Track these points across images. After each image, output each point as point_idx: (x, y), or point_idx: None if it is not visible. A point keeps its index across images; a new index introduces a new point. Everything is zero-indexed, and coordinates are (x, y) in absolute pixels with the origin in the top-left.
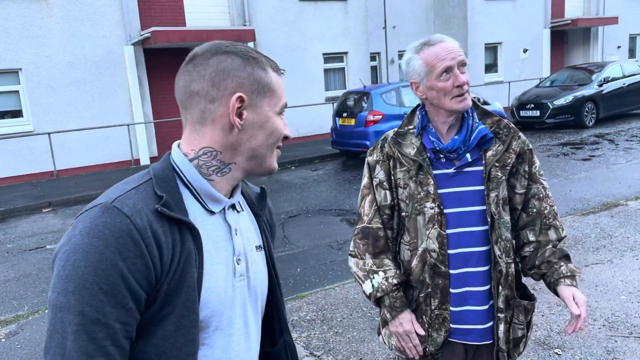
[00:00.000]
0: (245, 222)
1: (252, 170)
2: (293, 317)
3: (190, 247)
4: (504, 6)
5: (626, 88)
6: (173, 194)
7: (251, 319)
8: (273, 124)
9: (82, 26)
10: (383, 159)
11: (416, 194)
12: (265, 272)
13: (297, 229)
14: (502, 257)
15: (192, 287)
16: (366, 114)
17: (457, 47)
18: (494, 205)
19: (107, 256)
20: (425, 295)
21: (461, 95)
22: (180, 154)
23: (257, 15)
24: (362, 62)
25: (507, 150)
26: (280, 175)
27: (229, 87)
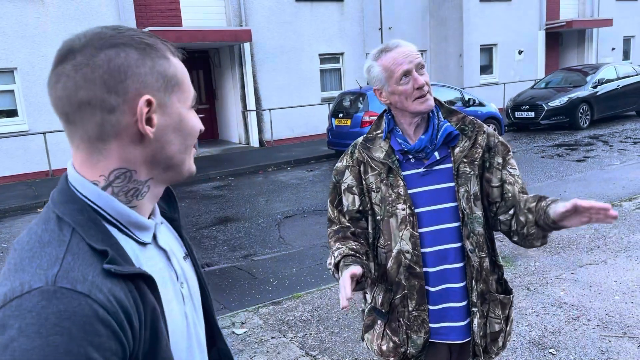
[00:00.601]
0: (167, 234)
1: (171, 181)
2: (289, 317)
3: (152, 300)
4: (499, 8)
5: (620, 90)
6: (110, 243)
7: (201, 334)
8: (187, 123)
9: (78, 26)
10: (352, 165)
11: (387, 196)
12: (196, 279)
13: (293, 229)
14: (474, 252)
15: (164, 343)
16: (362, 115)
17: (414, 51)
18: (464, 200)
19: (77, 352)
20: (401, 297)
21: (422, 96)
22: (88, 184)
23: (253, 16)
24: (358, 63)
25: (474, 146)
26: (276, 176)
27: (130, 89)
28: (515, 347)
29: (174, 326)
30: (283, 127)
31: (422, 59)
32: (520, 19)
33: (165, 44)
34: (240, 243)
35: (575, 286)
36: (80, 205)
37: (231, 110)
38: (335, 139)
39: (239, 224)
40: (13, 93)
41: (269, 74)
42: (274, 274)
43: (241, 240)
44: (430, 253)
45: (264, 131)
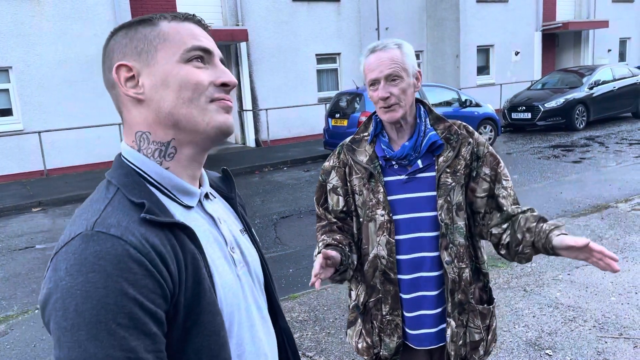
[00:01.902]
0: (222, 208)
1: (196, 140)
2: (285, 317)
3: (191, 248)
4: (496, 9)
5: (616, 91)
6: (150, 198)
7: (262, 304)
8: (177, 76)
9: (74, 25)
10: (339, 166)
11: (368, 200)
12: (257, 254)
13: (289, 230)
14: (451, 263)
15: (208, 288)
16: (359, 115)
17: (389, 59)
18: (443, 211)
19: (113, 288)
20: (375, 300)
21: (386, 107)
22: (129, 150)
23: (250, 15)
24: (355, 63)
25: (457, 157)
26: (272, 176)
27: (114, 63)
28: (512, 348)
29: (222, 280)
30: (279, 127)
31: (399, 69)
32: (517, 20)
33: (167, 14)
34: None
35: (571, 287)
36: (126, 170)
37: None
38: (332, 139)
39: None
40: (8, 92)
41: (266, 74)
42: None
43: None
44: (406, 260)
45: (260, 131)
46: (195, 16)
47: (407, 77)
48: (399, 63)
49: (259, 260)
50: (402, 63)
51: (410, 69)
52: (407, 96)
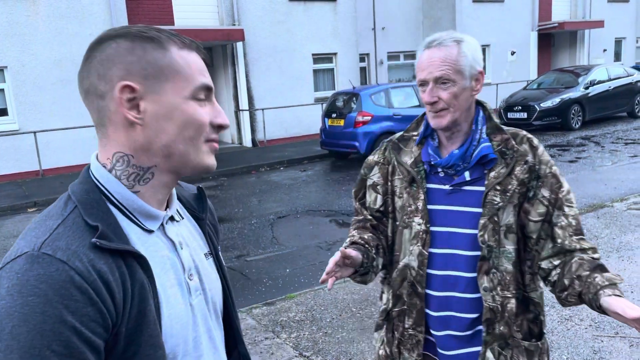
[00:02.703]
0: (188, 230)
1: (179, 170)
2: (282, 317)
3: (141, 277)
4: (492, 9)
5: (612, 91)
6: (107, 221)
7: (215, 333)
8: (184, 113)
9: (69, 24)
10: (382, 162)
11: (407, 206)
12: (218, 280)
13: (286, 230)
14: (493, 290)
15: (152, 321)
16: (355, 115)
17: (440, 59)
18: (486, 232)
19: (51, 313)
20: (399, 311)
21: (434, 112)
22: (99, 167)
23: (246, 15)
24: (352, 63)
25: (510, 175)
26: (269, 176)
27: (114, 77)
28: None
29: (172, 311)
30: (276, 127)
31: (451, 71)
32: (513, 20)
33: (176, 37)
34: (233, 243)
35: None
36: (90, 186)
37: (224, 109)
38: (329, 139)
39: (231, 224)
40: (3, 92)
41: (262, 74)
42: (267, 274)
43: (234, 241)
44: (438, 276)
45: (256, 131)
46: (200, 46)
47: (461, 79)
48: (453, 64)
49: (220, 286)
50: (456, 64)
51: (467, 70)
52: (459, 101)
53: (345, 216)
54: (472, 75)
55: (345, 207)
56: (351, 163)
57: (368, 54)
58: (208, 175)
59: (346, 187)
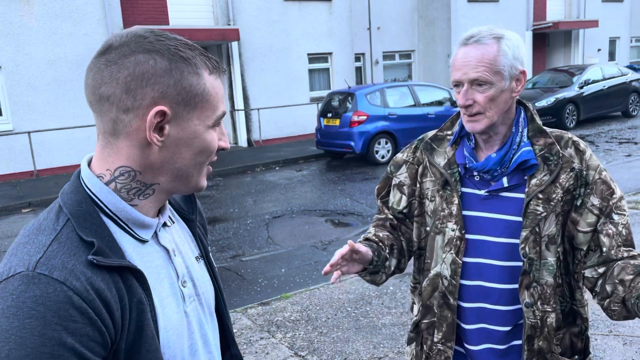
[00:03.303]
0: (178, 234)
1: (177, 190)
2: (277, 317)
3: (139, 291)
4: (487, 8)
5: (606, 90)
6: (101, 234)
7: (210, 336)
8: (203, 141)
9: (63, 24)
10: (412, 162)
11: (440, 210)
12: (210, 281)
13: (282, 230)
14: (534, 305)
15: (150, 335)
16: (351, 115)
17: (477, 58)
18: (528, 244)
19: (50, 336)
20: (429, 323)
21: (468, 115)
22: (93, 177)
23: (241, 15)
24: (347, 63)
25: (554, 183)
26: (264, 176)
27: (147, 96)
28: None
29: (167, 322)
30: (271, 127)
31: (488, 72)
32: (508, 20)
33: (207, 59)
34: (228, 243)
35: None
36: (82, 197)
37: None
38: (324, 138)
39: (227, 224)
40: None
41: (257, 74)
42: (262, 274)
43: (229, 241)
44: (470, 287)
45: (252, 131)
46: (223, 68)
47: (500, 81)
48: (490, 64)
49: (212, 288)
50: (495, 64)
51: (507, 70)
52: (497, 104)
53: (341, 216)
54: (512, 75)
55: (341, 207)
56: (347, 163)
57: (363, 54)
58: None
59: (342, 187)
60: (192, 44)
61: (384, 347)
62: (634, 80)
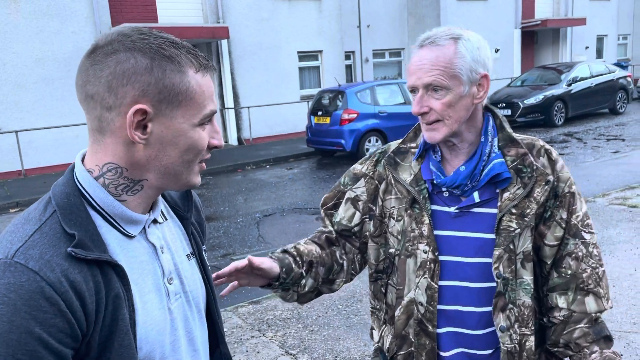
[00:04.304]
0: (170, 231)
1: (167, 187)
2: (268, 316)
3: (117, 286)
4: (476, 6)
5: (594, 88)
6: (85, 227)
7: (197, 334)
8: (189, 139)
9: (51, 22)
10: (371, 176)
11: (409, 231)
12: (201, 279)
13: (272, 228)
14: (511, 329)
15: (124, 330)
16: (341, 113)
17: (431, 61)
18: (502, 263)
19: (18, 324)
20: (406, 354)
21: (426, 124)
22: (84, 172)
23: (230, 13)
24: (337, 61)
25: (528, 197)
26: (255, 174)
27: (128, 95)
28: None
29: (147, 318)
30: (262, 125)
31: (444, 76)
32: (497, 18)
33: (193, 57)
34: (219, 242)
35: None
36: (71, 190)
37: None
38: (315, 137)
39: (217, 223)
40: None
41: (247, 72)
42: None
43: (220, 240)
44: (447, 311)
45: (242, 129)
46: (214, 66)
47: (457, 85)
48: (446, 67)
49: (202, 286)
50: (451, 67)
51: (465, 74)
52: (456, 111)
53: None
54: (472, 80)
55: None
56: (337, 161)
57: (353, 52)
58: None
59: (332, 185)
60: (179, 42)
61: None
62: (621, 78)
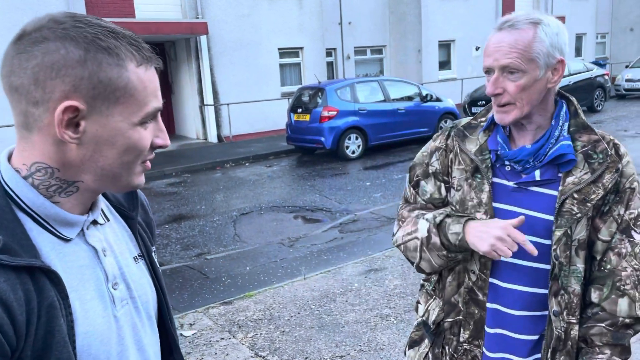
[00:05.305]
0: (114, 233)
1: (106, 189)
2: (240, 317)
3: (51, 294)
4: (457, 4)
5: (572, 86)
6: (12, 231)
7: (147, 341)
8: (128, 139)
9: (24, 17)
10: (444, 149)
11: (468, 199)
12: (152, 284)
13: (249, 227)
14: (559, 315)
15: (61, 342)
16: (321, 110)
17: (509, 44)
18: (559, 246)
19: None
20: (453, 322)
21: (497, 105)
22: (10, 171)
23: (209, 8)
24: (318, 58)
25: (595, 183)
26: (234, 172)
27: (57, 89)
28: None
29: (89, 327)
30: (242, 123)
31: (521, 60)
32: (477, 16)
33: (135, 49)
34: (193, 241)
35: None
36: None
37: (188, 104)
38: (295, 134)
39: (193, 221)
40: None
41: (227, 68)
42: (226, 272)
43: (195, 239)
44: (499, 288)
45: (222, 126)
46: (159, 60)
47: (534, 69)
48: (524, 51)
49: (153, 291)
50: (529, 51)
51: (543, 58)
52: (529, 94)
53: (310, 212)
54: (548, 64)
55: (310, 203)
56: (317, 158)
57: (335, 49)
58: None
59: (311, 183)
60: (120, 31)
61: (345, 346)
62: (599, 76)
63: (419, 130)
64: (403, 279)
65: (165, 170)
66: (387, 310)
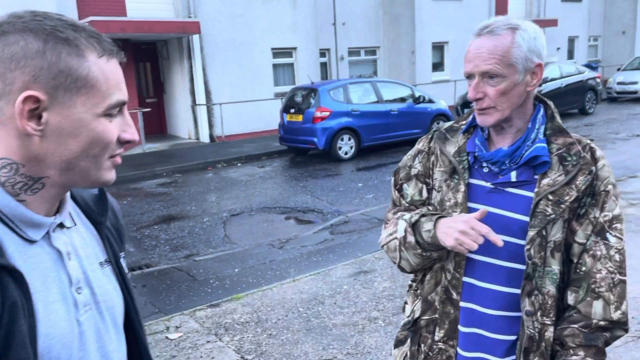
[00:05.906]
0: (81, 237)
1: (73, 185)
2: (227, 319)
3: (14, 295)
4: (450, 6)
5: (564, 88)
6: None
7: (111, 347)
8: (92, 131)
9: None
10: (427, 152)
11: (446, 200)
12: (118, 290)
13: (239, 228)
14: (532, 315)
15: (21, 344)
16: (313, 111)
17: (489, 50)
18: (533, 247)
19: None
20: (429, 320)
21: (479, 109)
22: None
23: (202, 7)
24: (312, 58)
25: (569, 184)
26: (226, 172)
27: (17, 80)
28: None
29: (51, 330)
30: (234, 122)
31: (500, 65)
32: (470, 18)
33: (96, 40)
34: (182, 243)
35: None
36: None
37: (180, 104)
38: (287, 134)
39: (182, 222)
40: None
41: (220, 68)
42: (214, 274)
43: (184, 240)
44: (475, 287)
45: (214, 126)
46: (121, 52)
47: (513, 74)
48: (503, 57)
49: (119, 296)
50: (508, 56)
51: (521, 63)
52: (509, 98)
53: (301, 213)
54: (526, 68)
55: (302, 204)
56: (310, 159)
57: (329, 49)
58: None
59: (303, 184)
60: (80, 25)
61: (332, 349)
62: (591, 79)
63: (412, 131)
64: (392, 281)
65: (156, 170)
66: (376, 313)
